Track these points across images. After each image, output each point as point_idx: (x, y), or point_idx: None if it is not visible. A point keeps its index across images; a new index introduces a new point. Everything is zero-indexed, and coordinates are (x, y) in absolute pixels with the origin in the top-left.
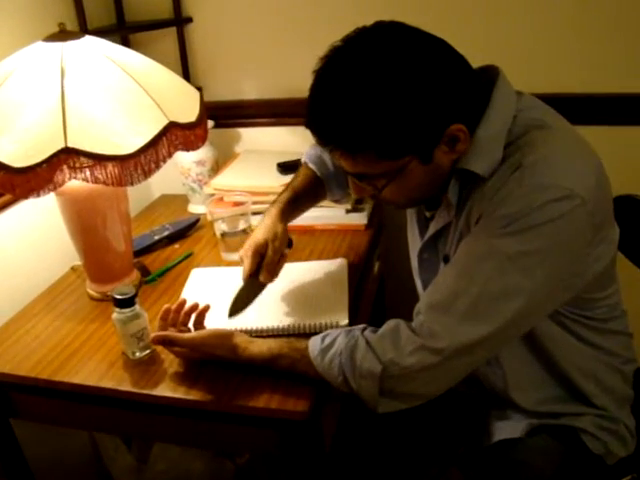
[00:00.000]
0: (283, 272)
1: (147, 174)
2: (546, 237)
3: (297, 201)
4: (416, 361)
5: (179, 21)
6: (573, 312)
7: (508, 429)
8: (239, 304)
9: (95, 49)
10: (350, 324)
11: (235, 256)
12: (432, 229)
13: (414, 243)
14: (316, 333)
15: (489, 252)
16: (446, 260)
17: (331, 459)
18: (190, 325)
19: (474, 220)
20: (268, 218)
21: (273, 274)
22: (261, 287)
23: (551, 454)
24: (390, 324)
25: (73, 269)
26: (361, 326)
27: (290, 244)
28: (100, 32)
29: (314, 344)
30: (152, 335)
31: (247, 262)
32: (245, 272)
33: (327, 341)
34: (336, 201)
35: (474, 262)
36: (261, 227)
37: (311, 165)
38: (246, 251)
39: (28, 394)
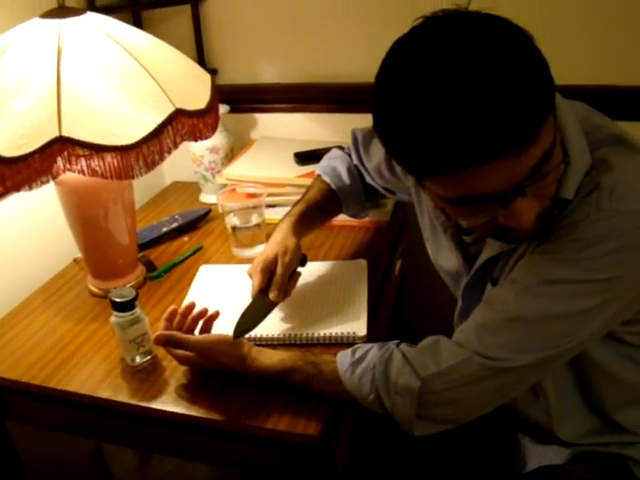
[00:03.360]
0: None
1: (150, 167)
2: (623, 265)
3: (310, 215)
4: (459, 376)
5: None
6: (621, 329)
7: (550, 455)
8: (246, 324)
9: (96, 27)
10: (368, 332)
11: (247, 252)
12: (486, 255)
13: (448, 263)
14: (331, 344)
15: (557, 276)
16: (494, 283)
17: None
18: (196, 332)
19: (536, 242)
20: (279, 232)
21: (283, 292)
22: (271, 306)
23: None
24: (429, 339)
25: (75, 261)
26: (396, 341)
27: (304, 261)
28: (109, 9)
29: (343, 357)
30: (156, 333)
31: (256, 279)
32: (254, 289)
33: (358, 354)
34: (353, 216)
35: (538, 285)
36: (271, 242)
37: (325, 178)
38: (255, 267)
39: (22, 397)
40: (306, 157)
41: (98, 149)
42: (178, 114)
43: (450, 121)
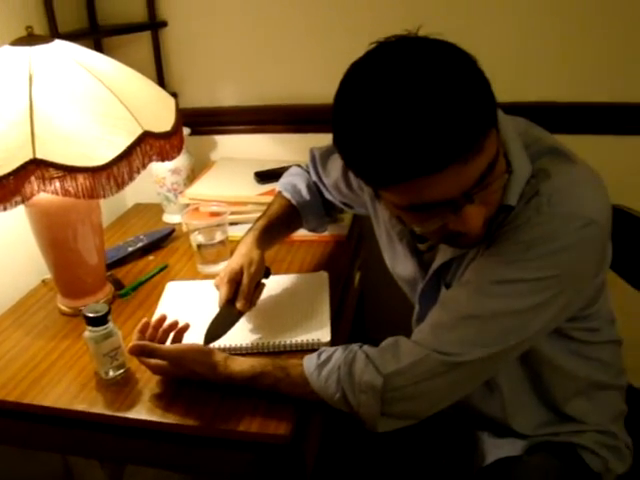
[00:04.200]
0: None
1: (120, 186)
2: (564, 264)
3: (273, 229)
4: (418, 372)
5: (153, 25)
6: (568, 325)
7: (506, 447)
8: (215, 331)
9: (65, 54)
10: (332, 340)
11: (212, 268)
12: (439, 260)
13: (405, 270)
14: (297, 351)
15: (504, 276)
16: (448, 286)
17: None
18: (168, 343)
19: (484, 246)
20: (243, 245)
21: (249, 302)
22: (238, 315)
23: (551, 473)
24: (389, 340)
25: (44, 282)
26: (359, 343)
27: (268, 274)
28: (71, 36)
29: (309, 360)
30: (130, 345)
31: (223, 289)
32: (221, 299)
33: (323, 357)
34: (313, 230)
35: (487, 285)
36: (236, 254)
37: (286, 194)
38: (221, 279)
39: None
40: (266, 176)
41: (71, 170)
42: (146, 136)
43: (401, 135)
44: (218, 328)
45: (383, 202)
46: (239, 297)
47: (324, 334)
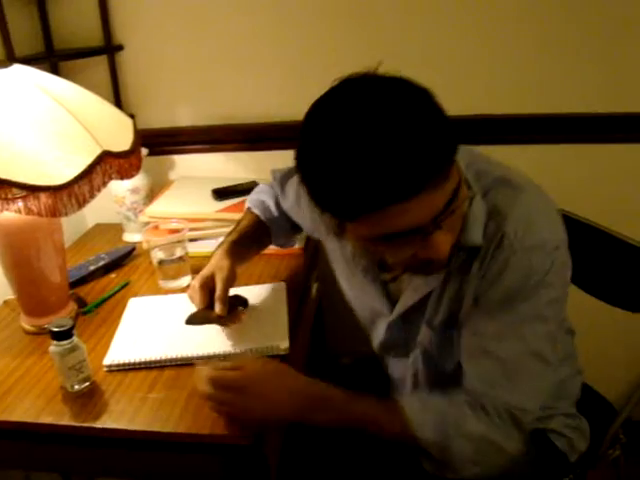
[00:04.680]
0: None
1: (81, 204)
2: (556, 285)
3: (243, 243)
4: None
5: (110, 49)
6: None
7: None
8: (197, 318)
9: (24, 78)
10: (291, 347)
11: (172, 284)
12: (409, 301)
13: (369, 301)
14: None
15: (518, 319)
16: (430, 323)
17: None
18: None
19: (468, 295)
20: (214, 257)
21: (227, 305)
22: (217, 319)
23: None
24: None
25: (6, 303)
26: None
27: (245, 303)
28: (28, 60)
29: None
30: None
31: (197, 296)
32: (197, 306)
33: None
34: (280, 246)
35: (513, 328)
36: (208, 265)
37: (255, 210)
38: (193, 286)
39: None
40: (223, 193)
41: (33, 189)
42: (105, 155)
43: (374, 164)
44: (200, 316)
45: (348, 236)
46: (216, 303)
47: (283, 341)
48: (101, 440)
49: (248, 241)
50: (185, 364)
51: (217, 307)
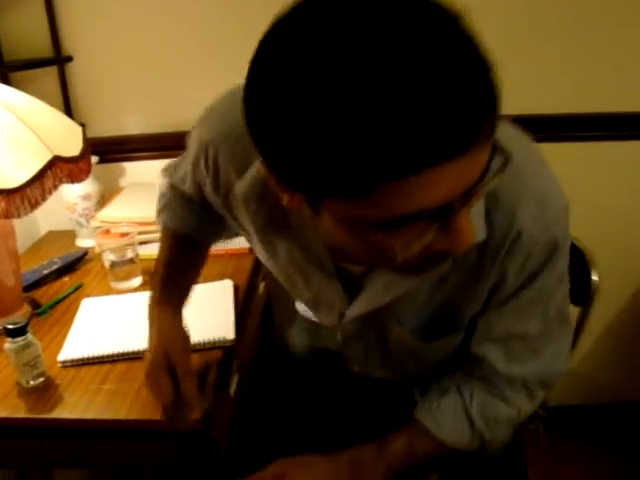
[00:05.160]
0: None
1: (33, 206)
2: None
3: (175, 277)
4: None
5: (59, 60)
6: None
7: None
8: (179, 420)
9: None
10: (238, 339)
11: (124, 284)
12: (388, 295)
13: (319, 295)
14: (205, 349)
15: (543, 292)
16: (403, 323)
17: (226, 465)
18: None
19: (478, 296)
20: (152, 324)
21: (201, 396)
22: (189, 406)
23: None
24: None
25: None
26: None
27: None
28: None
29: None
30: None
31: (160, 389)
32: (165, 401)
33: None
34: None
35: (539, 301)
36: (149, 339)
37: (170, 226)
38: (150, 376)
39: None
40: None
41: None
42: (56, 160)
43: (403, 111)
44: (178, 417)
45: (326, 222)
46: (183, 380)
47: (229, 332)
48: (56, 431)
49: (180, 270)
50: (136, 358)
51: (187, 386)
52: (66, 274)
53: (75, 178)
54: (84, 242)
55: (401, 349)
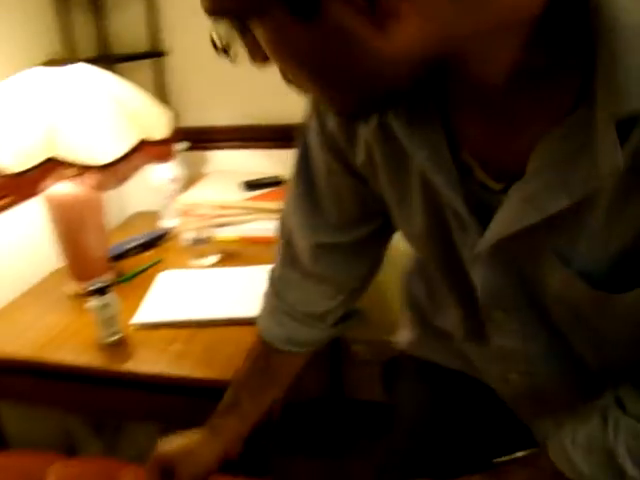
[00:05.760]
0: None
1: (121, 181)
2: None
3: (238, 393)
4: None
5: (156, 54)
6: None
7: None
8: None
9: (86, 74)
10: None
11: (199, 262)
12: (537, 213)
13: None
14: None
15: None
16: (561, 255)
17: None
18: None
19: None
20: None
21: None
22: None
23: None
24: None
25: (54, 273)
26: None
27: None
28: (88, 61)
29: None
30: None
31: None
32: None
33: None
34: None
35: None
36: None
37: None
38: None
39: (10, 373)
40: (253, 185)
41: (84, 166)
42: (145, 142)
43: None
44: None
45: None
46: None
47: None
48: (127, 383)
49: (246, 385)
50: (200, 326)
51: None
52: (148, 250)
53: (161, 158)
54: (167, 222)
55: (567, 313)
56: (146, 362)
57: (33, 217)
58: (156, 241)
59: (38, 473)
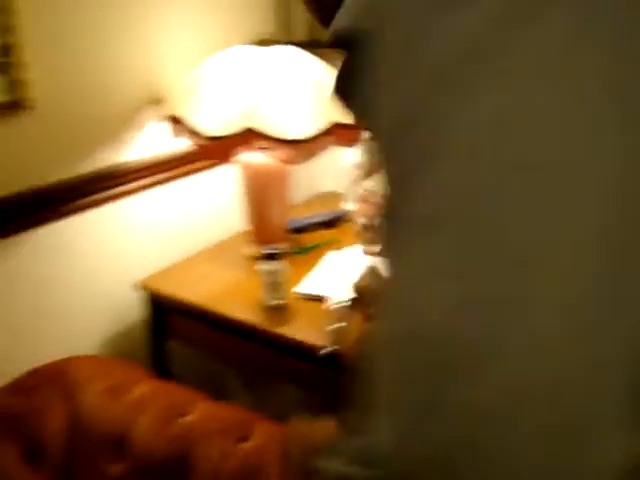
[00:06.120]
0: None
1: (308, 158)
2: None
3: None
4: None
5: None
6: None
7: None
8: None
9: (292, 57)
10: None
11: (370, 247)
12: None
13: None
14: None
15: None
16: None
17: None
18: None
19: None
20: None
21: None
22: None
23: None
24: None
25: (239, 234)
26: None
27: None
28: (297, 45)
29: None
30: None
31: None
32: None
33: None
34: None
35: None
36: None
37: None
38: None
39: (182, 316)
40: None
41: (278, 140)
42: (335, 125)
43: None
44: None
45: None
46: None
47: None
48: (280, 346)
49: None
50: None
51: None
52: (326, 228)
53: (348, 144)
54: (348, 205)
55: None
56: (300, 330)
57: (226, 182)
58: (335, 221)
59: (185, 405)
